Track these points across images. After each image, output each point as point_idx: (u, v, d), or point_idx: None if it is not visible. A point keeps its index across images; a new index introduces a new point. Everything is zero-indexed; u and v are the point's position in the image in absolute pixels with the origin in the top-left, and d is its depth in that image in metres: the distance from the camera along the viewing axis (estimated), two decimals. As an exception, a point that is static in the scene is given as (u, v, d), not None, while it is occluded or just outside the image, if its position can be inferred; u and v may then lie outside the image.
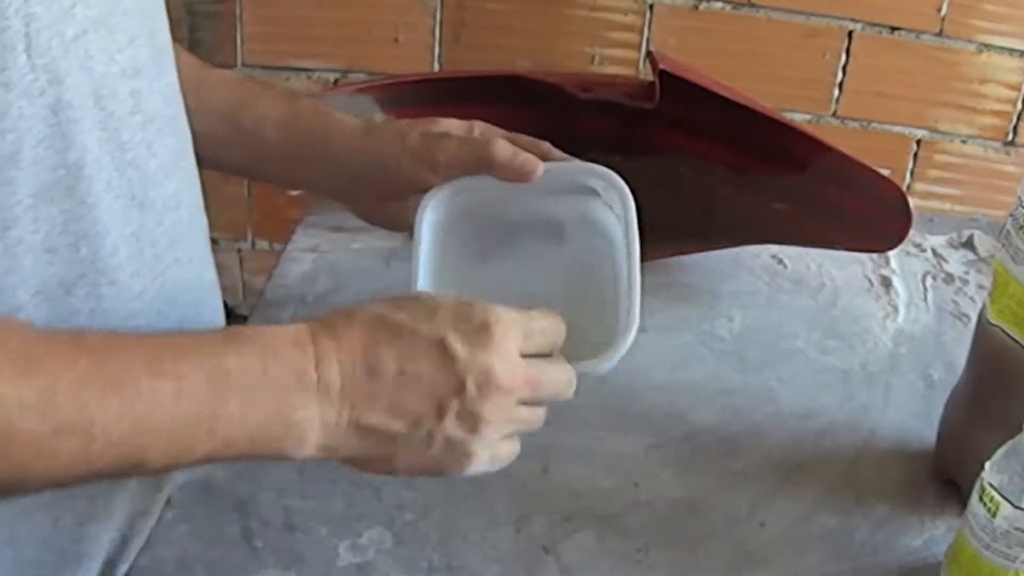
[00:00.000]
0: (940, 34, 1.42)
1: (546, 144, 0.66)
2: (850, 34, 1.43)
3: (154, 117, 0.56)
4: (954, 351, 0.82)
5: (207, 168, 0.67)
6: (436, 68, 1.49)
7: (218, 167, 0.73)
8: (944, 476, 0.69)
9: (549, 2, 1.44)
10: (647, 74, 0.88)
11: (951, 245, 0.98)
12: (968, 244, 0.98)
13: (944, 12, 1.40)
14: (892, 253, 0.94)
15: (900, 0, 1.40)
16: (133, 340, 0.47)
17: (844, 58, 1.45)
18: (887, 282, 0.92)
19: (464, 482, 0.63)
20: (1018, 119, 1.48)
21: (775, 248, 0.93)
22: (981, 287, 0.91)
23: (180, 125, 0.61)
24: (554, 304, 0.56)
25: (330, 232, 0.91)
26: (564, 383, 0.55)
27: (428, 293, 0.56)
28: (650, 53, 0.92)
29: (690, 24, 1.43)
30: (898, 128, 1.50)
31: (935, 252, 0.96)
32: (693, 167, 0.88)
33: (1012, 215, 0.60)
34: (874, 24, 1.42)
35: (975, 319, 0.67)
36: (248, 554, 0.60)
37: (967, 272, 0.94)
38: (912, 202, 0.81)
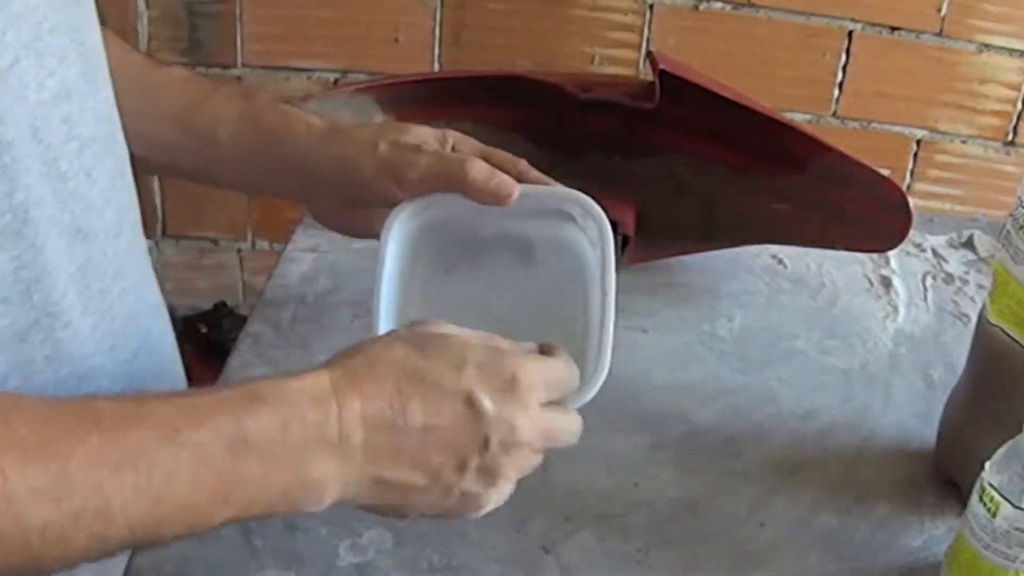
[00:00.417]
0: (940, 34, 1.42)
1: (523, 163, 0.63)
2: (850, 34, 1.43)
3: (90, 140, 0.53)
4: (954, 351, 0.82)
5: (164, 175, 0.64)
6: (436, 68, 1.49)
7: (174, 174, 0.70)
8: (944, 476, 0.69)
9: (549, 2, 1.44)
10: (647, 74, 0.88)
11: (951, 245, 0.98)
12: (968, 244, 0.98)
13: (944, 12, 1.40)
14: (892, 253, 0.94)
15: (900, 0, 1.40)
16: (147, 407, 0.44)
17: (844, 58, 1.45)
18: (887, 282, 0.92)
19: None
20: (1018, 119, 1.48)
21: (775, 248, 0.93)
22: (981, 287, 0.91)
23: (117, 144, 0.58)
24: (520, 326, 0.55)
25: (330, 232, 0.91)
26: (574, 433, 0.54)
27: (455, 333, 0.52)
28: (650, 53, 0.92)
29: (690, 24, 1.44)
30: (898, 128, 1.50)
31: (935, 252, 0.96)
32: (693, 167, 0.88)
33: (1012, 215, 0.60)
34: (874, 24, 1.42)
35: (975, 319, 0.67)
36: (248, 554, 0.60)
37: (967, 272, 0.94)
38: (912, 202, 0.82)
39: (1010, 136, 1.50)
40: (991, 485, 0.55)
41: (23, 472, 0.39)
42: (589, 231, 0.62)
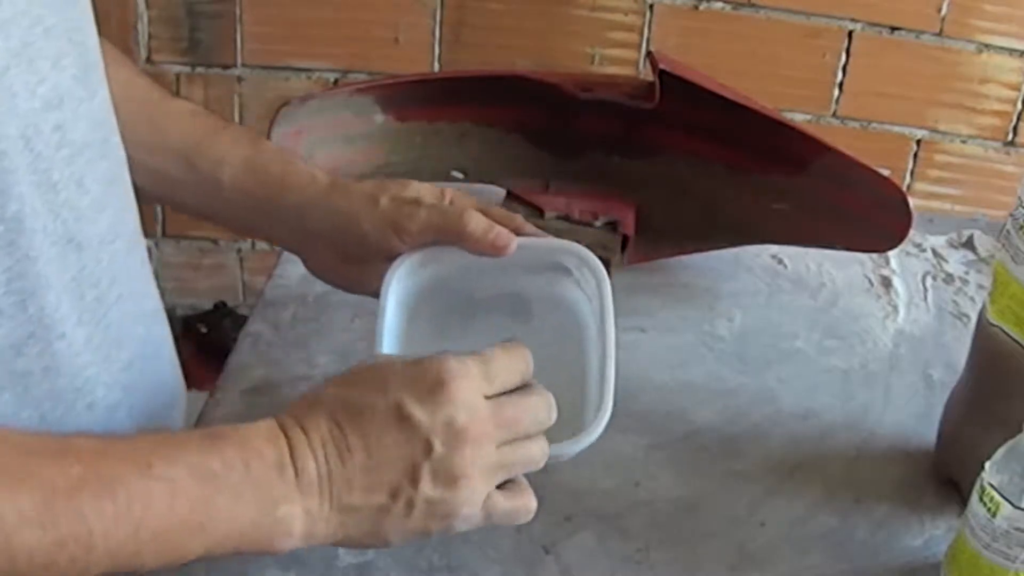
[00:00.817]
0: (940, 34, 1.42)
1: (519, 217, 0.63)
2: (850, 34, 1.43)
3: (82, 147, 0.53)
4: (954, 351, 0.82)
5: (166, 205, 0.64)
6: (436, 68, 1.49)
7: (173, 206, 0.70)
8: (944, 476, 0.69)
9: (549, 2, 1.44)
10: (647, 74, 0.88)
11: (951, 245, 0.98)
12: (968, 244, 0.98)
13: (944, 12, 1.40)
14: (892, 253, 0.94)
15: (900, 0, 1.40)
16: (122, 444, 0.46)
17: (844, 58, 1.45)
18: (887, 282, 0.92)
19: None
20: (1018, 119, 1.48)
21: (775, 248, 0.93)
22: (981, 287, 0.91)
23: (112, 148, 0.57)
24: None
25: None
26: (543, 409, 0.53)
27: (379, 360, 0.54)
28: (650, 53, 0.92)
29: (690, 24, 1.44)
30: (898, 128, 1.50)
31: (935, 252, 0.96)
32: (693, 167, 0.88)
33: (1012, 215, 0.60)
34: (874, 24, 1.42)
35: (975, 319, 0.67)
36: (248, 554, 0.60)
37: (967, 272, 0.94)
38: (912, 202, 0.81)
39: (1010, 136, 1.50)
40: (991, 485, 0.55)
41: (11, 499, 0.41)
42: (585, 283, 0.63)
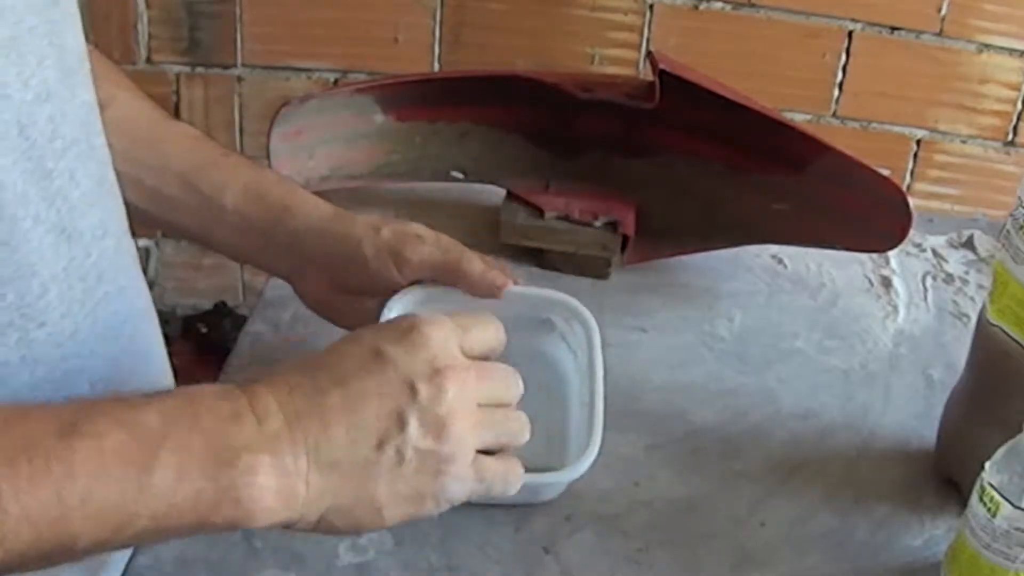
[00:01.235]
0: (940, 34, 1.42)
1: (507, 268, 0.64)
2: (850, 34, 1.43)
3: (72, 142, 0.53)
4: (954, 351, 0.82)
5: (163, 231, 0.63)
6: (436, 68, 1.49)
7: (172, 230, 0.69)
8: (944, 476, 0.69)
9: (549, 2, 1.44)
10: (647, 74, 0.88)
11: (951, 245, 0.98)
12: (968, 244, 0.98)
13: (944, 12, 1.40)
14: (892, 253, 0.94)
15: (900, 0, 1.40)
16: (39, 408, 0.43)
17: (844, 58, 1.45)
18: (887, 282, 0.92)
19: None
20: (1018, 119, 1.48)
21: (775, 248, 0.93)
22: (981, 287, 0.91)
23: (97, 150, 0.57)
24: None
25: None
26: (512, 380, 0.52)
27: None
28: (650, 53, 0.92)
29: (690, 24, 1.44)
30: (898, 128, 1.50)
31: (935, 252, 0.96)
32: (693, 167, 0.88)
33: (1012, 215, 0.60)
34: (874, 24, 1.42)
35: (975, 319, 0.67)
36: (248, 554, 0.60)
37: (967, 272, 0.94)
38: (912, 202, 0.81)
39: (1010, 136, 1.50)
40: (991, 485, 0.55)
41: None
42: (572, 336, 0.65)
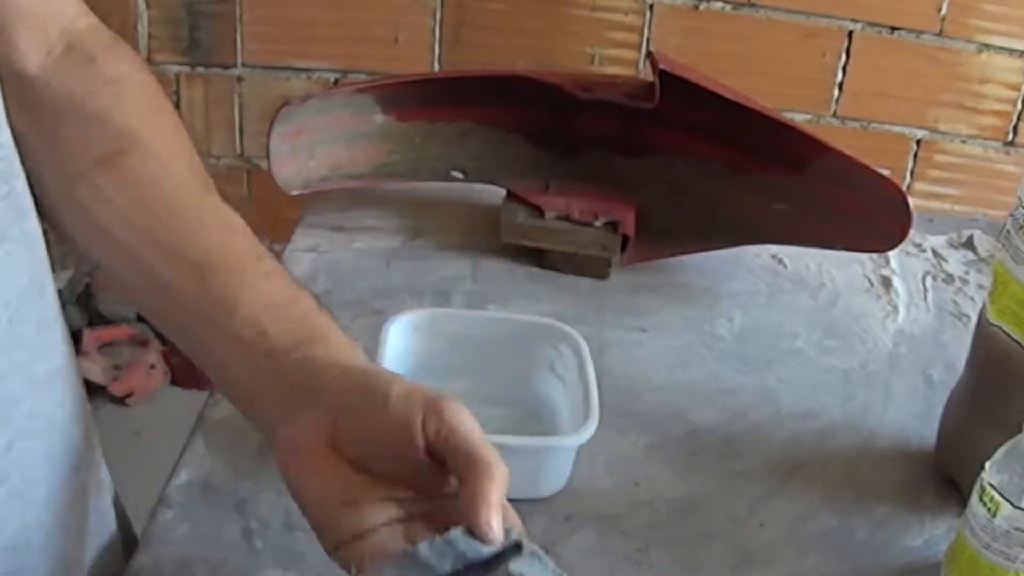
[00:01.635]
0: (940, 34, 1.42)
1: (503, 531, 0.48)
2: (850, 34, 1.43)
3: None
4: (954, 351, 0.82)
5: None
6: (436, 68, 1.49)
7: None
8: (944, 476, 0.69)
9: (549, 2, 1.44)
10: (647, 74, 0.88)
11: (951, 245, 0.98)
12: (968, 244, 0.98)
13: (944, 12, 1.40)
14: (892, 253, 0.94)
15: (900, 0, 1.40)
16: None
17: (844, 58, 1.45)
18: (887, 282, 0.92)
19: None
20: (1018, 119, 1.48)
21: (775, 248, 0.93)
22: (981, 287, 0.91)
23: (13, 188, 0.48)
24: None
25: (330, 232, 0.91)
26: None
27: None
28: (650, 53, 0.92)
29: (690, 24, 1.44)
30: (898, 128, 1.50)
31: (935, 252, 0.96)
32: (693, 167, 0.88)
33: (1012, 215, 0.60)
34: (874, 24, 1.42)
35: (975, 319, 0.67)
36: (248, 554, 0.60)
37: (967, 272, 0.94)
38: (912, 202, 0.81)
39: (1010, 136, 1.50)
40: (991, 485, 0.55)
41: None
42: (560, 361, 0.68)
